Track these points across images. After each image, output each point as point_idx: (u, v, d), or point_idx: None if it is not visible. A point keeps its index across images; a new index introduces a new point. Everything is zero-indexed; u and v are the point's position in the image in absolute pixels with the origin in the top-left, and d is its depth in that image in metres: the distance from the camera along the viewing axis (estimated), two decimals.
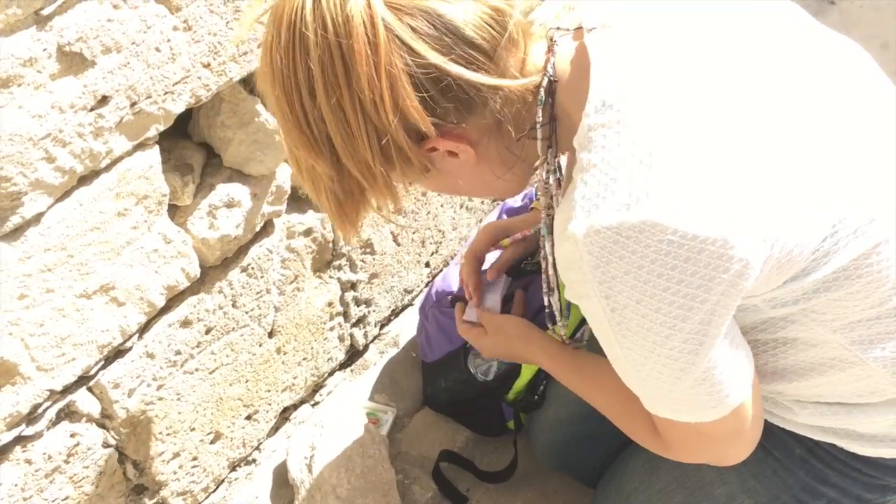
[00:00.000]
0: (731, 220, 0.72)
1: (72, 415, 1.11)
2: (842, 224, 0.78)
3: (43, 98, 0.88)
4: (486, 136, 0.83)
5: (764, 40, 0.84)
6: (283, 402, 1.53)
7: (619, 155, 0.74)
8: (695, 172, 0.72)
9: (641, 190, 0.72)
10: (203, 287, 1.23)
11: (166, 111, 1.03)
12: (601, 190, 0.74)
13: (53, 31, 0.86)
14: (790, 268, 0.78)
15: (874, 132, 0.85)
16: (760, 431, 0.90)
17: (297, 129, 0.80)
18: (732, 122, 0.75)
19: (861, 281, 0.81)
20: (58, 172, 0.93)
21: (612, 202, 0.73)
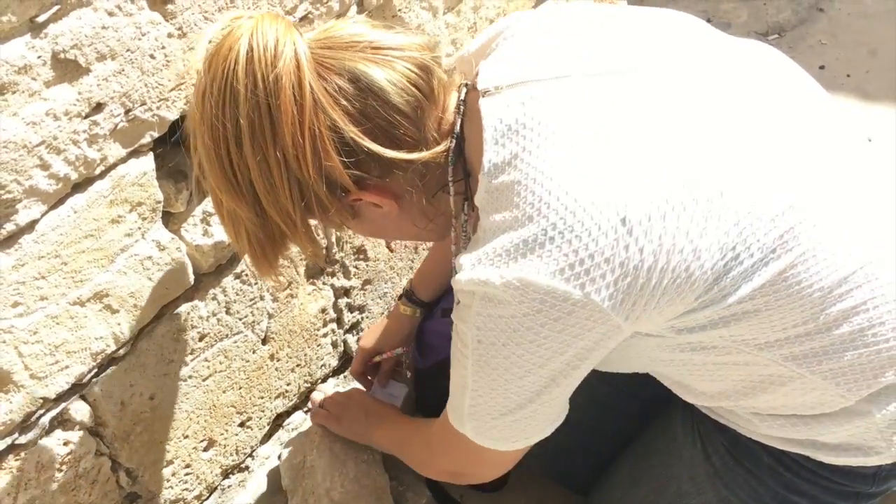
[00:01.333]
0: (605, 282, 0.76)
1: (65, 423, 1.10)
2: (745, 240, 0.79)
3: (37, 105, 0.88)
4: (407, 191, 0.89)
5: (657, 64, 0.86)
6: (277, 409, 1.53)
7: (508, 217, 0.79)
8: (577, 235, 0.76)
9: (523, 252, 0.78)
10: (197, 294, 1.23)
11: (161, 118, 1.02)
12: (488, 248, 0.80)
13: (48, 38, 0.86)
14: (691, 285, 0.79)
15: (783, 135, 0.85)
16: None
17: (221, 175, 0.84)
18: (610, 167, 0.78)
19: (778, 303, 0.82)
20: (52, 180, 0.93)
21: (495, 259, 0.79)
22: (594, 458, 1.30)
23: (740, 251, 0.78)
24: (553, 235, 0.76)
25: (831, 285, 0.82)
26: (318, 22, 1.20)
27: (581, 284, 0.76)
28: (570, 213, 0.76)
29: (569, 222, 0.76)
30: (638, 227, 0.75)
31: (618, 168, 0.77)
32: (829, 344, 0.85)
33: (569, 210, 0.76)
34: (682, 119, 0.81)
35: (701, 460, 1.07)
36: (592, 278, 0.76)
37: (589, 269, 0.76)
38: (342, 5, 1.24)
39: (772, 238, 0.79)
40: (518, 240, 0.78)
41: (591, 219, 0.76)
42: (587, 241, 0.75)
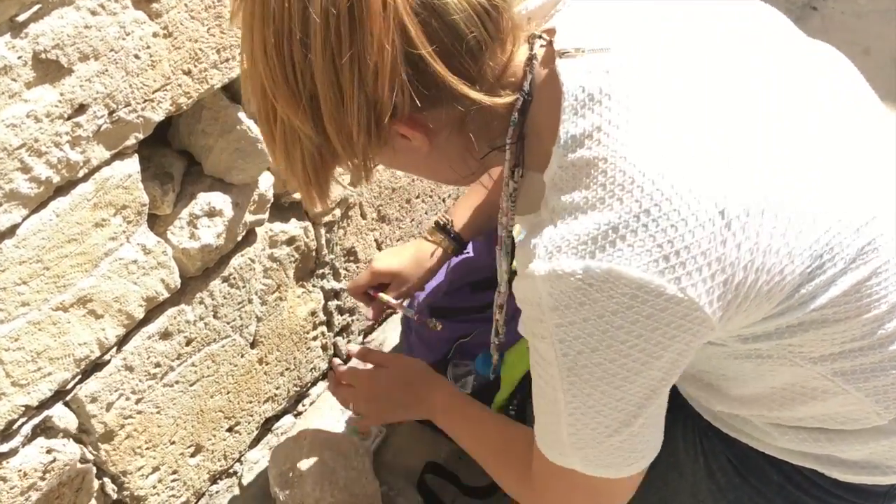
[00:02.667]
0: (701, 277, 0.70)
1: (48, 430, 1.08)
2: (831, 249, 0.76)
3: (18, 107, 0.85)
4: (446, 130, 0.80)
5: (744, 58, 0.81)
6: (266, 413, 1.51)
7: (589, 200, 0.71)
8: (673, 224, 0.69)
9: (610, 240, 0.70)
10: (183, 298, 1.21)
11: (146, 119, 1.00)
12: (567, 232, 0.72)
13: (29, 38, 0.84)
14: (780, 287, 0.75)
15: (862, 146, 0.82)
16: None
17: (281, 78, 0.73)
18: (708, 158, 0.72)
19: (847, 314, 0.79)
20: (33, 183, 0.90)
21: (578, 247, 0.71)
22: None
23: (826, 259, 0.75)
24: (646, 223, 0.69)
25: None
26: None
27: (677, 278, 0.69)
28: (665, 200, 0.69)
29: (664, 209, 0.69)
30: (736, 222, 0.70)
31: (716, 157, 0.71)
32: (878, 361, 0.82)
33: (665, 196, 0.69)
34: (775, 112, 0.76)
35: (703, 476, 1.04)
36: (689, 272, 0.69)
37: (685, 261, 0.69)
38: None
39: (855, 248, 0.76)
40: (605, 226, 0.70)
41: (689, 208, 0.69)
42: (684, 232, 0.68)
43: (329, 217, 1.45)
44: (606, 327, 0.71)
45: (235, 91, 1.16)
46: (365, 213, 1.54)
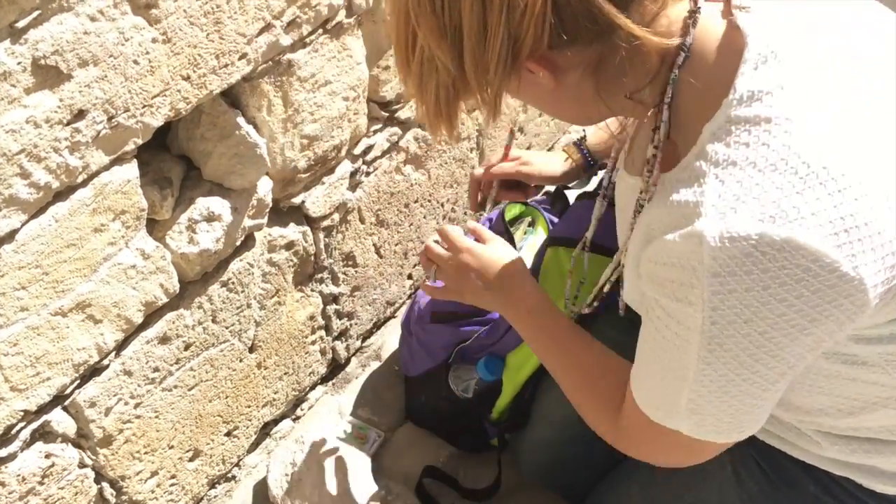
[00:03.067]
0: (874, 257, 0.66)
1: (47, 435, 1.08)
2: None
3: (17, 113, 0.85)
4: (576, 71, 0.76)
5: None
6: (264, 418, 1.51)
7: (768, 159, 0.66)
8: (854, 197, 0.65)
9: (792, 204, 0.65)
10: (182, 303, 1.21)
11: (145, 125, 1.00)
12: (742, 193, 0.66)
13: (28, 44, 0.84)
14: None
15: None
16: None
17: (428, 8, 0.72)
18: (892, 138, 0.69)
19: None
20: (32, 188, 0.90)
21: (755, 209, 0.65)
22: (592, 469, 1.28)
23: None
24: (831, 192, 0.64)
25: None
26: (305, 27, 1.18)
27: (852, 255, 0.65)
28: (842, 175, 0.65)
29: (843, 183, 0.64)
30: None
31: (887, 145, 0.68)
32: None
33: (842, 170, 0.65)
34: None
35: (732, 485, 1.02)
36: (864, 250, 0.65)
37: (862, 238, 0.64)
38: (331, 9, 1.22)
39: None
40: (788, 189, 0.64)
41: (866, 184, 0.65)
42: (863, 208, 0.64)
43: (328, 221, 1.45)
44: (769, 299, 0.66)
45: (234, 96, 1.16)
46: (363, 218, 1.55)
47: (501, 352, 1.37)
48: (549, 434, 1.33)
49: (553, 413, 1.32)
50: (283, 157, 1.26)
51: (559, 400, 1.28)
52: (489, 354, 1.38)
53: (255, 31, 1.09)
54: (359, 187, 1.50)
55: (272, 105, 1.20)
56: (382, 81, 1.44)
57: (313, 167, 1.34)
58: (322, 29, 1.23)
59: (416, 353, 1.50)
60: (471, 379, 1.40)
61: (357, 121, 1.40)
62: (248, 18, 1.07)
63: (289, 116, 1.24)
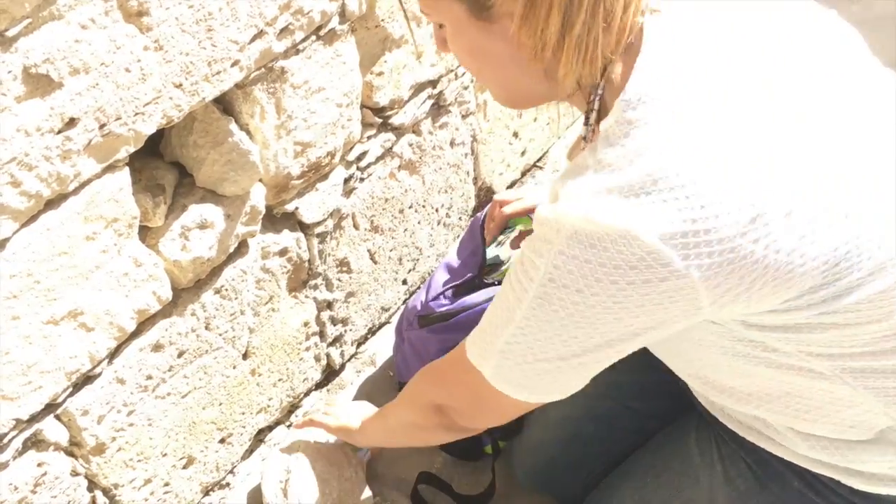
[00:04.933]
0: (710, 261, 0.72)
1: (39, 443, 1.07)
2: (849, 259, 0.76)
3: (8, 121, 0.85)
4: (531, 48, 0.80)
5: (800, 51, 0.82)
6: (258, 425, 1.51)
7: (631, 159, 0.73)
8: (701, 205, 0.71)
9: (642, 204, 0.71)
10: (175, 310, 1.21)
11: (137, 132, 1.00)
12: (603, 183, 0.73)
13: (19, 52, 0.84)
14: (787, 287, 0.76)
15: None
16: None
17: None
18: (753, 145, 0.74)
19: (862, 320, 0.79)
20: (24, 197, 0.90)
21: (612, 203, 0.72)
22: (587, 472, 1.28)
23: (842, 269, 0.76)
24: (678, 197, 0.71)
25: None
26: (298, 33, 1.18)
27: (686, 255, 0.71)
28: (703, 181, 0.71)
29: (699, 189, 0.71)
30: (762, 218, 0.71)
31: (756, 153, 0.73)
32: (891, 365, 0.83)
33: (703, 177, 0.71)
34: (821, 117, 0.78)
35: (721, 483, 1.04)
36: (699, 253, 0.71)
37: (700, 243, 0.71)
38: (323, 16, 1.22)
39: (874, 263, 0.77)
40: (639, 187, 0.72)
41: (722, 193, 0.71)
42: (710, 215, 0.70)
43: (322, 228, 1.45)
44: (601, 276, 0.73)
45: (227, 103, 1.16)
46: (357, 224, 1.54)
47: None
48: (543, 436, 1.34)
49: (548, 415, 1.32)
50: (277, 164, 1.26)
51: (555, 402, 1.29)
52: None
53: (247, 38, 1.09)
54: (353, 193, 1.50)
55: (265, 112, 1.20)
56: (376, 87, 1.44)
57: (307, 174, 1.34)
58: (315, 35, 1.23)
59: (410, 358, 1.50)
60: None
61: (350, 127, 1.40)
62: (240, 26, 1.07)
63: (282, 123, 1.23)
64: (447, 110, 1.67)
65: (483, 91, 1.77)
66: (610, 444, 1.26)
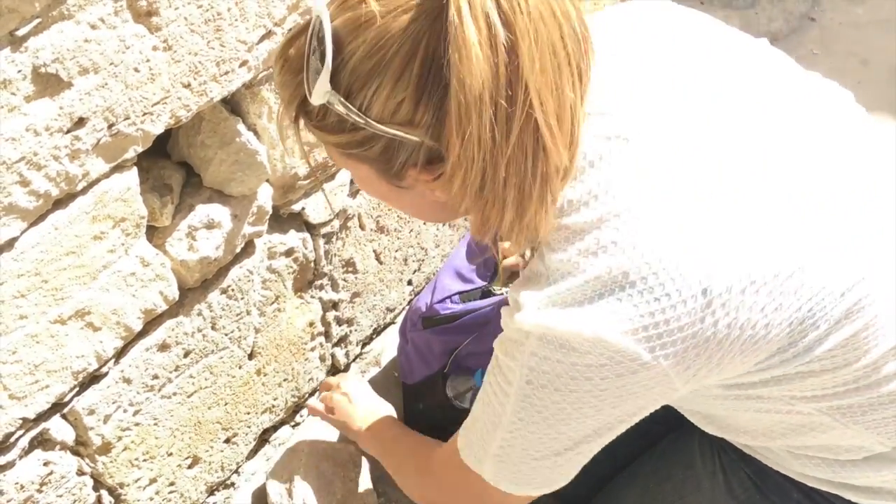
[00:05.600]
0: (674, 349, 0.74)
1: (45, 443, 1.07)
2: (813, 315, 0.77)
3: (17, 121, 0.85)
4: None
5: (739, 119, 0.81)
6: (263, 424, 1.51)
7: (580, 265, 0.74)
8: (656, 297, 0.73)
9: (600, 306, 0.73)
10: (182, 310, 1.21)
11: (145, 132, 1.00)
12: (558, 292, 0.75)
13: (28, 52, 0.84)
14: (755, 354, 0.77)
15: (858, 202, 0.82)
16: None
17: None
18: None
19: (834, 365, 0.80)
20: (32, 196, 0.90)
21: (568, 306, 0.74)
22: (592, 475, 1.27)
23: (807, 325, 0.77)
24: (632, 293, 0.73)
25: (890, 347, 0.81)
26: None
27: (652, 348, 0.74)
28: (653, 274, 0.73)
29: (650, 283, 0.72)
30: (717, 300, 0.73)
31: (703, 233, 0.74)
32: (876, 398, 0.84)
33: (652, 270, 0.73)
34: (765, 183, 0.78)
35: (723, 492, 1.05)
36: (664, 343, 0.74)
37: (662, 333, 0.73)
38: None
39: (840, 311, 0.78)
40: (592, 291, 0.74)
41: (674, 283, 0.72)
42: (666, 306, 0.72)
43: (328, 228, 1.45)
44: (577, 376, 0.76)
45: (235, 103, 1.16)
46: (364, 224, 1.54)
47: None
48: None
49: None
50: (284, 164, 1.26)
51: None
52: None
53: (255, 38, 1.09)
54: (359, 194, 1.50)
55: (272, 112, 1.19)
56: None
57: (313, 174, 1.33)
58: None
59: (413, 360, 1.50)
60: (468, 388, 1.40)
61: None
62: (248, 26, 1.07)
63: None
64: None
65: None
66: (615, 447, 1.25)
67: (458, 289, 1.48)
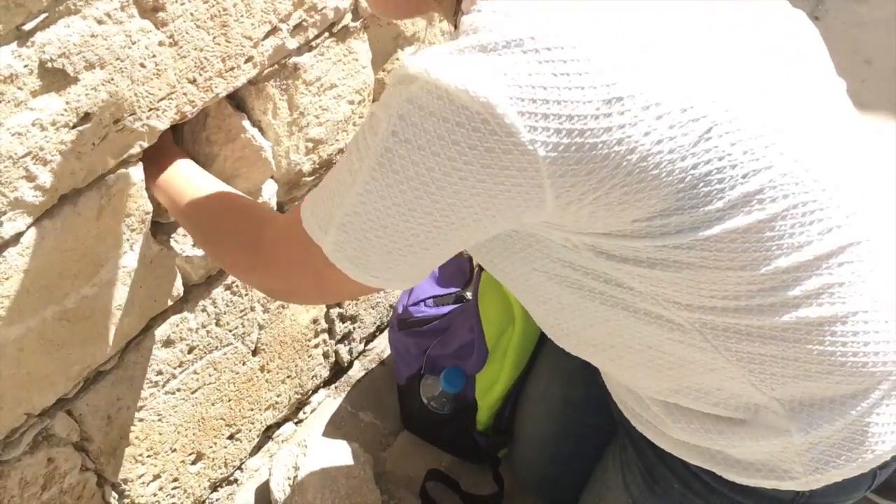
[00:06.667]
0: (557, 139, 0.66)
1: (49, 438, 1.07)
2: (719, 181, 0.69)
3: (24, 115, 0.85)
4: None
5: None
6: (267, 421, 1.51)
7: (493, 26, 0.67)
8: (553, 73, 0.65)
9: (495, 64, 0.66)
10: (186, 306, 1.21)
11: (150, 128, 1.00)
12: (459, 44, 0.68)
13: (35, 46, 0.83)
14: (637, 199, 0.69)
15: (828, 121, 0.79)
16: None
17: None
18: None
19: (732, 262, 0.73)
20: (38, 191, 0.90)
21: (468, 62, 0.66)
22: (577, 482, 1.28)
23: (700, 193, 0.70)
24: (530, 60, 0.65)
25: (820, 254, 0.74)
26: (311, 30, 1.18)
27: (533, 127, 0.65)
28: (561, 48, 0.65)
29: (555, 55, 0.65)
30: (618, 103, 0.65)
31: (629, 34, 0.68)
32: (757, 326, 0.77)
33: (562, 43, 0.65)
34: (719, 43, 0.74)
35: (621, 490, 1.05)
36: (547, 128, 0.65)
37: (549, 115, 0.65)
38: (337, 13, 1.21)
39: (746, 189, 0.71)
40: (497, 44, 0.66)
41: (580, 64, 0.65)
42: (563, 85, 0.65)
43: None
44: (443, 133, 0.67)
45: (240, 99, 1.16)
46: None
47: (470, 372, 1.38)
48: (530, 453, 1.35)
49: (528, 431, 1.34)
50: (289, 161, 1.26)
51: (531, 417, 1.31)
52: (453, 367, 1.39)
53: (261, 34, 1.09)
54: None
55: (278, 108, 1.19)
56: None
57: (318, 170, 1.33)
58: (328, 32, 1.23)
59: (397, 361, 1.53)
60: (438, 390, 1.41)
61: None
62: (254, 22, 1.07)
63: (294, 120, 1.23)
64: None
65: None
66: (589, 461, 1.25)
67: (433, 293, 1.50)
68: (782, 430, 0.83)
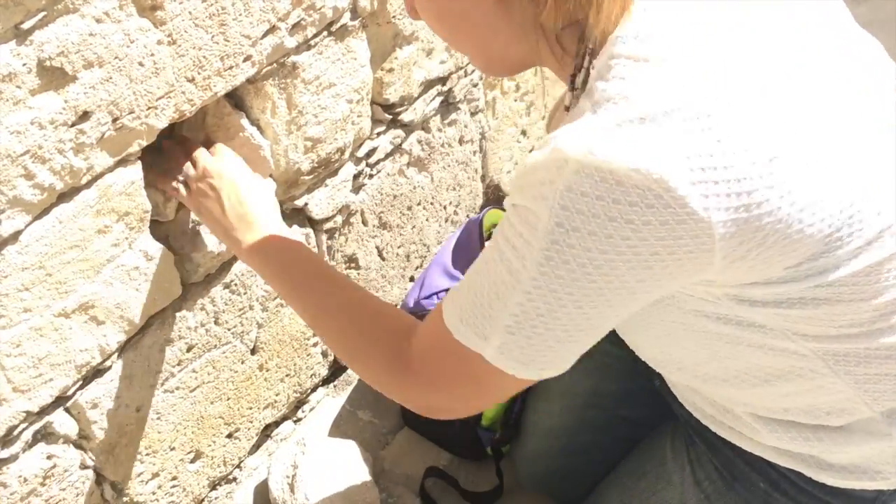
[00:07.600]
0: (727, 203, 0.66)
1: (48, 436, 1.08)
2: (851, 224, 0.72)
3: (22, 114, 0.85)
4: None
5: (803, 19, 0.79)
6: (265, 420, 1.51)
7: (640, 94, 0.66)
8: (717, 139, 0.65)
9: (654, 138, 0.65)
10: (185, 304, 1.21)
11: (149, 126, 1.00)
12: (612, 123, 0.66)
13: (34, 45, 0.84)
14: (793, 249, 0.71)
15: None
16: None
17: None
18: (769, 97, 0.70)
19: (855, 296, 0.76)
20: (37, 190, 0.90)
21: (619, 139, 0.65)
22: (587, 478, 1.28)
23: (845, 233, 0.72)
24: (694, 129, 0.65)
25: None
26: (310, 29, 1.18)
27: (705, 195, 0.65)
28: (718, 115, 0.65)
29: (715, 122, 0.65)
30: (779, 162, 0.66)
31: (774, 95, 0.69)
32: (874, 349, 0.80)
33: (719, 111, 0.66)
34: (821, 75, 0.75)
35: (691, 485, 1.04)
36: (718, 193, 0.65)
37: (719, 181, 0.65)
38: (335, 12, 1.22)
39: (875, 229, 0.73)
40: (651, 117, 0.65)
41: (739, 130, 0.66)
42: (727, 150, 0.65)
43: (331, 224, 1.45)
44: (615, 215, 0.65)
45: (239, 98, 1.16)
46: (366, 220, 1.54)
47: None
48: (540, 446, 1.34)
49: (541, 425, 1.33)
50: (287, 159, 1.26)
51: (546, 412, 1.30)
52: None
53: (259, 33, 1.09)
54: (362, 190, 1.50)
55: (276, 107, 1.20)
56: (386, 84, 1.44)
57: (317, 169, 1.34)
58: (327, 31, 1.23)
59: None
60: None
61: (361, 123, 1.40)
62: (253, 20, 1.07)
63: (293, 118, 1.24)
64: (456, 107, 1.67)
65: (492, 88, 1.77)
66: (607, 453, 1.25)
67: (445, 286, 1.50)
68: (883, 434, 0.86)
